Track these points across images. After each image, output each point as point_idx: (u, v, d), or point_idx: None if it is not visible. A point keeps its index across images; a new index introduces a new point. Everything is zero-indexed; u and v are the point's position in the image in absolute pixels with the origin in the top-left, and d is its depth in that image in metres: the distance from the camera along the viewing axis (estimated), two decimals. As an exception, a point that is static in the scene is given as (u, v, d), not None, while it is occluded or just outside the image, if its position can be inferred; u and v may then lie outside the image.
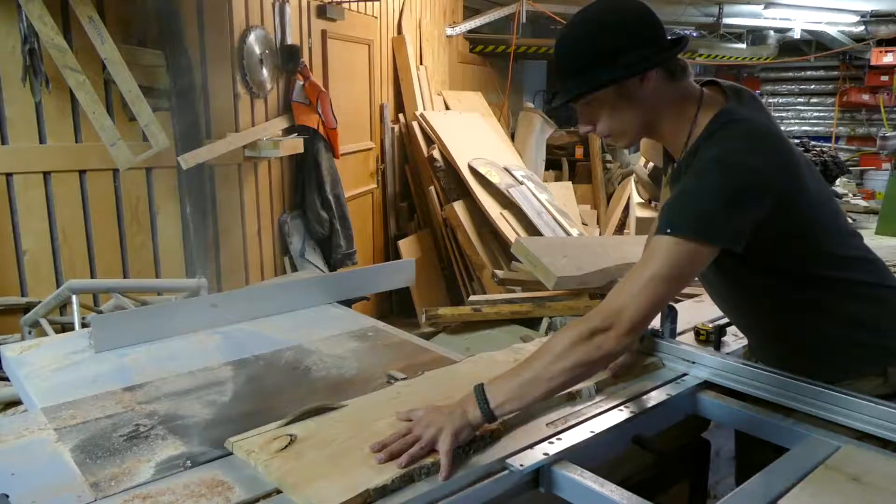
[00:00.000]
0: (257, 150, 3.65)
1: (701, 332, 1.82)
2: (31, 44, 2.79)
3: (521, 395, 1.24)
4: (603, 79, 1.32)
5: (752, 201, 1.25)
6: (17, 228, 3.01)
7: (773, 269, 1.39)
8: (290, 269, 4.08)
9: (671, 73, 1.37)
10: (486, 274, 5.15)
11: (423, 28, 6.39)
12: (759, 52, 10.05)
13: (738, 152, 1.26)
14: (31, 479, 1.21)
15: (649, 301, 1.23)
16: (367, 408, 1.41)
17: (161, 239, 3.45)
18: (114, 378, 1.69)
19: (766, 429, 1.41)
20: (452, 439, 1.18)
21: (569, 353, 1.23)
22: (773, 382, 1.44)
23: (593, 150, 8.26)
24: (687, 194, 1.29)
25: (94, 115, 2.81)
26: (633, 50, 1.31)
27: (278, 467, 1.17)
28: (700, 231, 1.24)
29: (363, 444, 1.22)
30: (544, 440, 1.28)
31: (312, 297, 2.26)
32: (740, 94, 1.41)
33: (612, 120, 1.39)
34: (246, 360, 1.82)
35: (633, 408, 1.44)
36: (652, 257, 1.25)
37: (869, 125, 11.10)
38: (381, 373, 1.72)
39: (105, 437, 1.38)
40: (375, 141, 5.57)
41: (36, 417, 1.47)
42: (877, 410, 1.28)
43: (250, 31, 3.74)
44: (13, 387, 2.70)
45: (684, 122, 1.38)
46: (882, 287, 1.43)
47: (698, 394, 1.55)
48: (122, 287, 2.87)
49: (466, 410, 1.23)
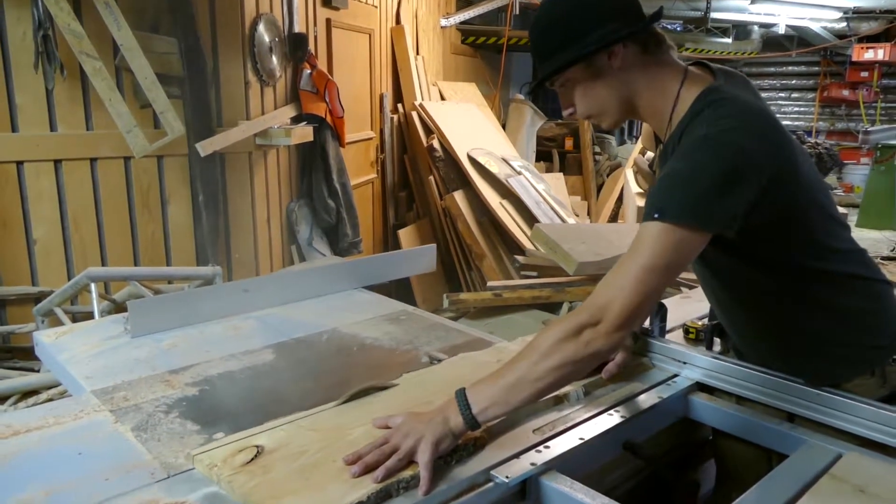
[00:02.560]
0: (268, 139, 3.65)
1: (690, 330, 1.74)
2: (45, 30, 2.76)
3: (505, 398, 1.15)
4: (567, 58, 1.28)
5: (744, 182, 1.16)
6: (28, 217, 3.00)
7: (761, 258, 1.30)
8: (298, 257, 4.08)
9: (644, 47, 1.29)
10: (485, 263, 5.18)
11: (420, 18, 6.39)
12: (743, 47, 10.17)
13: (729, 130, 1.17)
14: (98, 458, 1.22)
15: (639, 293, 1.14)
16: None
17: (172, 227, 3.45)
18: (156, 361, 1.69)
19: (761, 433, 1.35)
20: (433, 449, 1.09)
21: (555, 351, 1.14)
22: (769, 384, 1.37)
23: (584, 141, 8.32)
24: (675, 176, 1.19)
25: (110, 103, 2.79)
26: (600, 26, 1.25)
27: (243, 483, 1.06)
28: (690, 215, 1.14)
29: (336, 456, 1.13)
30: (531, 448, 1.19)
31: (340, 283, 2.28)
32: (730, 75, 1.34)
33: (587, 99, 1.34)
34: (285, 343, 1.83)
35: (624, 412, 1.36)
36: (640, 246, 1.16)
37: (848, 120, 11.31)
38: (422, 353, 1.74)
39: (162, 417, 1.39)
40: (375, 130, 5.58)
41: (88, 400, 1.47)
42: (879, 415, 1.22)
43: (260, 19, 3.73)
44: (28, 377, 2.71)
45: (666, 98, 1.30)
46: (876, 282, 1.36)
47: (690, 396, 1.47)
48: (139, 275, 2.86)
49: (447, 417, 1.14)
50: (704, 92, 1.25)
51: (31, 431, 1.31)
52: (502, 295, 3.07)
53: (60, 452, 1.24)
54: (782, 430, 1.32)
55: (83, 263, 3.11)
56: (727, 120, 1.18)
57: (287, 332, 1.90)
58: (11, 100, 2.86)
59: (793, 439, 1.29)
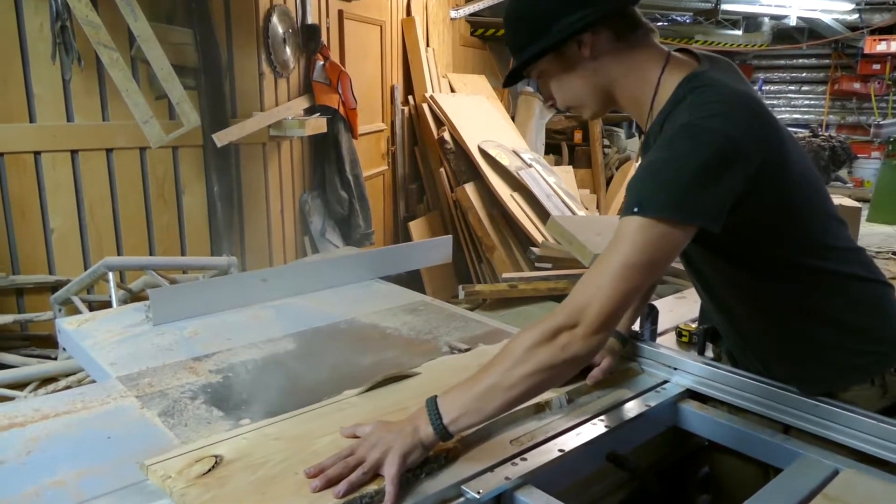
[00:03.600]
0: (282, 130, 3.67)
1: (683, 333, 1.66)
2: (62, 20, 2.77)
3: (478, 407, 1.07)
4: (534, 50, 1.23)
5: (729, 172, 1.07)
6: (45, 206, 3.02)
7: (752, 256, 1.22)
8: (311, 248, 4.10)
9: (618, 33, 1.22)
10: (496, 255, 5.20)
11: (430, 10, 6.38)
12: (753, 39, 10.09)
13: (712, 117, 1.09)
14: (127, 442, 1.25)
15: (618, 293, 1.05)
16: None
17: (187, 217, 3.47)
18: (179, 349, 1.71)
19: (754, 445, 1.27)
20: (400, 462, 1.03)
21: (530, 356, 1.06)
22: (764, 393, 1.30)
23: (593, 134, 8.30)
24: (655, 167, 1.11)
25: (127, 93, 2.80)
26: (567, 15, 1.18)
27: (196, 497, 1.00)
28: (672, 209, 1.05)
29: (299, 468, 1.06)
30: (506, 461, 1.12)
31: (357, 273, 2.29)
32: (715, 60, 1.26)
33: (563, 91, 1.29)
34: (305, 332, 1.85)
35: (609, 421, 1.29)
36: (619, 242, 1.07)
37: (859, 114, 11.25)
38: (442, 343, 1.76)
39: (188, 403, 1.41)
40: (386, 122, 5.59)
41: (114, 386, 1.49)
42: (879, 429, 1.14)
43: (274, 10, 3.73)
44: (47, 364, 2.73)
45: (646, 86, 1.23)
46: (875, 283, 1.28)
47: (680, 404, 1.40)
48: (156, 265, 2.89)
49: (417, 427, 1.07)
50: (687, 78, 1.18)
51: (60, 416, 1.33)
52: (518, 286, 3.08)
53: (90, 436, 1.26)
54: (776, 443, 1.24)
55: (99, 253, 3.14)
56: (710, 106, 1.11)
57: (306, 321, 1.91)
58: (29, 90, 2.88)
59: (787, 452, 1.22)
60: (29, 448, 1.21)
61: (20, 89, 2.86)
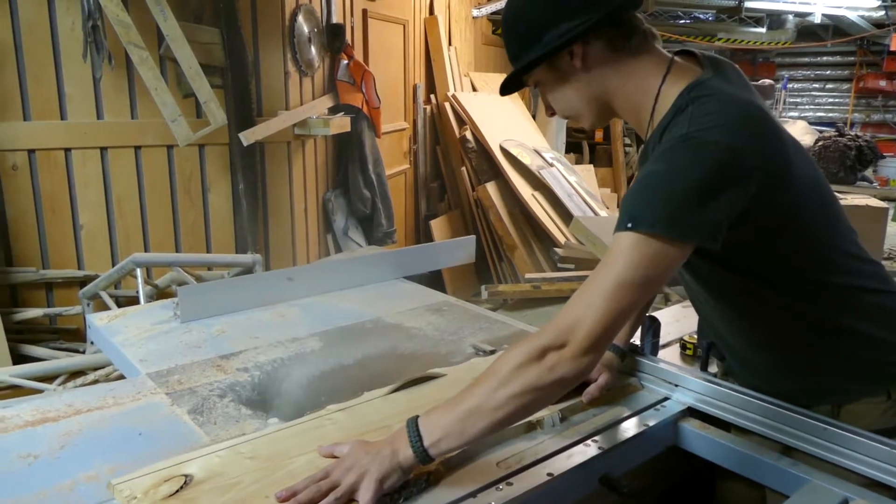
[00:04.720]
0: (307, 129, 3.69)
1: (687, 346, 1.59)
2: (94, 20, 2.81)
3: (460, 429, 1.02)
4: (525, 61, 1.20)
5: (730, 187, 1.03)
6: (75, 202, 3.08)
7: (758, 271, 1.18)
8: (334, 247, 4.13)
9: (611, 42, 1.17)
10: (517, 254, 5.19)
11: (452, 9, 6.38)
12: (777, 37, 9.96)
13: (713, 129, 1.04)
14: (158, 438, 1.26)
15: (610, 312, 1.00)
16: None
17: (212, 214, 3.51)
18: (207, 346, 1.73)
19: (758, 468, 1.21)
20: (376, 487, 0.99)
21: (516, 376, 1.01)
22: (769, 413, 1.23)
23: (614, 133, 8.27)
24: (650, 180, 1.05)
25: (156, 92, 2.84)
26: (556, 25, 1.15)
27: None
28: (667, 225, 1.00)
29: (271, 490, 1.02)
30: (492, 485, 1.06)
31: (381, 272, 2.30)
32: (718, 65, 1.20)
33: (558, 102, 1.26)
34: (330, 331, 1.86)
35: (603, 442, 1.22)
36: (612, 259, 1.03)
37: (885, 112, 11.08)
38: (467, 344, 1.76)
39: (217, 401, 1.43)
40: (408, 121, 5.60)
41: (144, 382, 1.52)
42: (892, 455, 1.08)
43: (300, 9, 3.76)
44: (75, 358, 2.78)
45: (645, 95, 1.18)
46: (888, 294, 1.23)
47: (680, 422, 1.33)
48: (182, 261, 2.93)
49: (396, 450, 1.02)
50: (689, 87, 1.13)
51: (93, 411, 1.36)
52: (541, 287, 3.08)
53: (121, 432, 1.28)
54: (781, 467, 1.17)
55: (126, 249, 3.19)
56: (711, 117, 1.05)
57: (332, 320, 1.93)
58: (61, 89, 2.94)
59: (793, 478, 1.15)
60: (62, 443, 1.23)
61: (52, 87, 2.91)
